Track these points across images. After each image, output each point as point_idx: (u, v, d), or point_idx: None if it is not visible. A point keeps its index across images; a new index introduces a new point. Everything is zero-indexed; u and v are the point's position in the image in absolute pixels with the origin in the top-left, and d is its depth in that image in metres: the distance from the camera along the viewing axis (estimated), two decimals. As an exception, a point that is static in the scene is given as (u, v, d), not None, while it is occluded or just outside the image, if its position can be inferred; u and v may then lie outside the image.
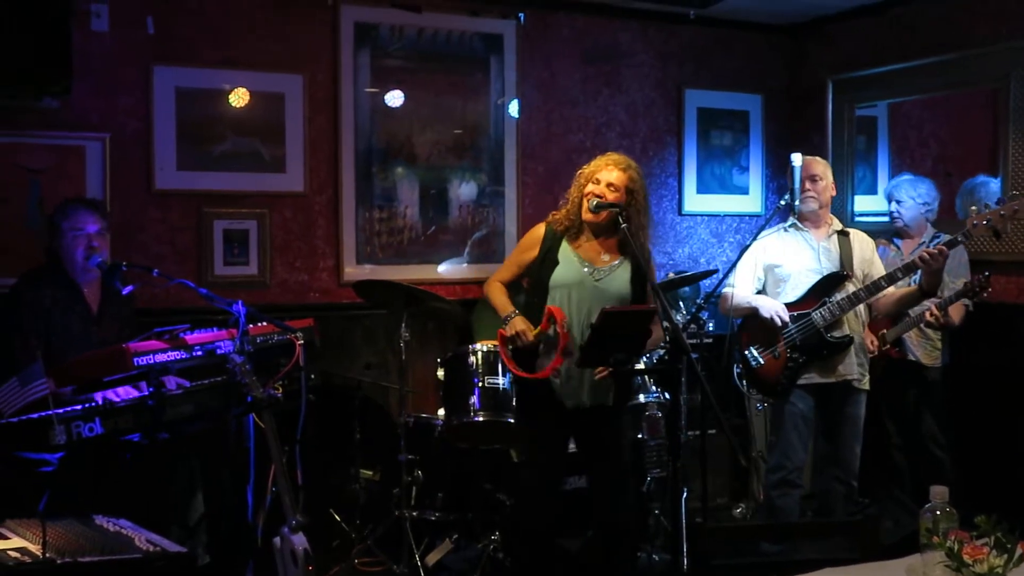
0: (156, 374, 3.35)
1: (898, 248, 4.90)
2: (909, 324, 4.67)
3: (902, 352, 4.79)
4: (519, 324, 3.74)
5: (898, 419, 4.96)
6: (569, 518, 4.38)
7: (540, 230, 3.87)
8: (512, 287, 3.96)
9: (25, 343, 3.69)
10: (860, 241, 4.40)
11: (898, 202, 4.90)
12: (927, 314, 4.48)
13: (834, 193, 4.45)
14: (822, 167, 4.40)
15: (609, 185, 3.72)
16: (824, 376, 4.28)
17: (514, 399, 4.12)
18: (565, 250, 3.78)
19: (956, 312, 4.59)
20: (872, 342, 4.72)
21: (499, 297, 3.89)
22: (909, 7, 5.60)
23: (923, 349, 4.80)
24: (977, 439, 5.02)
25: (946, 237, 4.24)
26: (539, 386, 3.77)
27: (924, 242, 4.74)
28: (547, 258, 3.79)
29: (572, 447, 4.04)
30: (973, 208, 4.05)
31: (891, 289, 4.25)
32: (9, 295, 3.87)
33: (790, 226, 4.41)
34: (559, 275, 3.75)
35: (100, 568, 2.25)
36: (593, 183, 3.74)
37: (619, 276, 3.73)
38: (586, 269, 3.73)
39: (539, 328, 3.71)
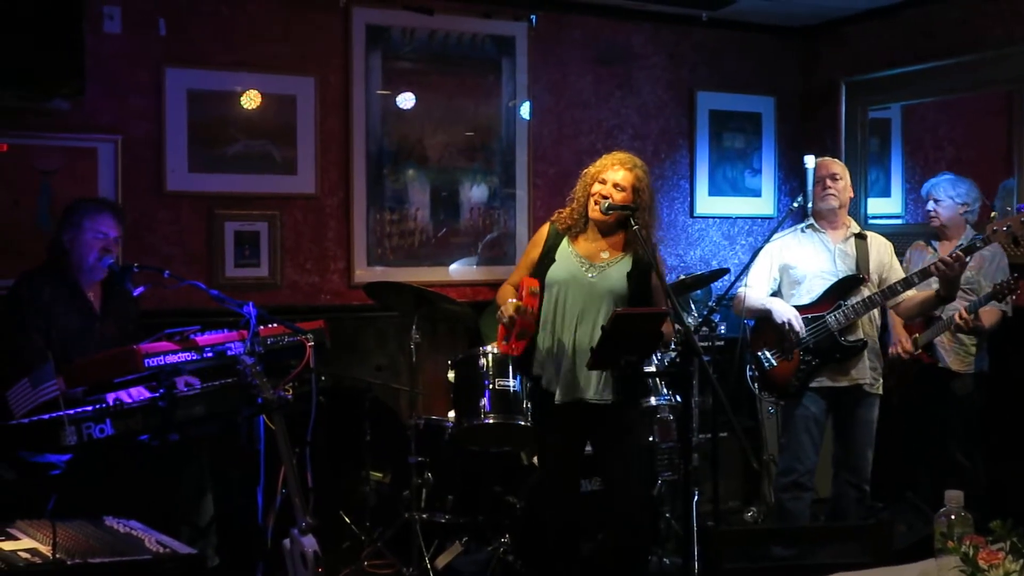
0: (168, 376, 3.35)
1: (935, 251, 4.74)
2: (941, 327, 4.57)
3: (933, 358, 4.70)
4: (507, 304, 3.67)
5: (924, 425, 4.88)
6: (584, 521, 4.36)
7: (544, 229, 3.88)
8: None
9: (30, 342, 3.69)
10: (878, 244, 4.36)
11: (936, 201, 4.74)
12: (956, 316, 4.41)
13: (851, 195, 4.42)
14: (840, 167, 4.39)
15: (615, 185, 3.70)
16: (836, 380, 4.25)
17: (525, 402, 4.12)
18: (564, 248, 3.77)
19: (988, 316, 4.49)
20: (907, 339, 4.66)
21: (503, 296, 3.84)
22: (923, 9, 5.57)
23: (955, 355, 4.67)
24: (1009, 447, 4.96)
25: (982, 236, 4.17)
26: (536, 386, 3.78)
27: (962, 243, 4.59)
28: (547, 256, 3.79)
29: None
30: (993, 214, 4.02)
31: (911, 292, 4.21)
32: (8, 296, 3.87)
33: (807, 227, 4.38)
34: (553, 272, 3.74)
35: (110, 569, 2.25)
36: (599, 183, 3.73)
37: (615, 272, 3.69)
38: (581, 266, 3.71)
39: (517, 302, 3.64)
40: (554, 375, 3.70)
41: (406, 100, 5.36)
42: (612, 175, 3.71)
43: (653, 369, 4.51)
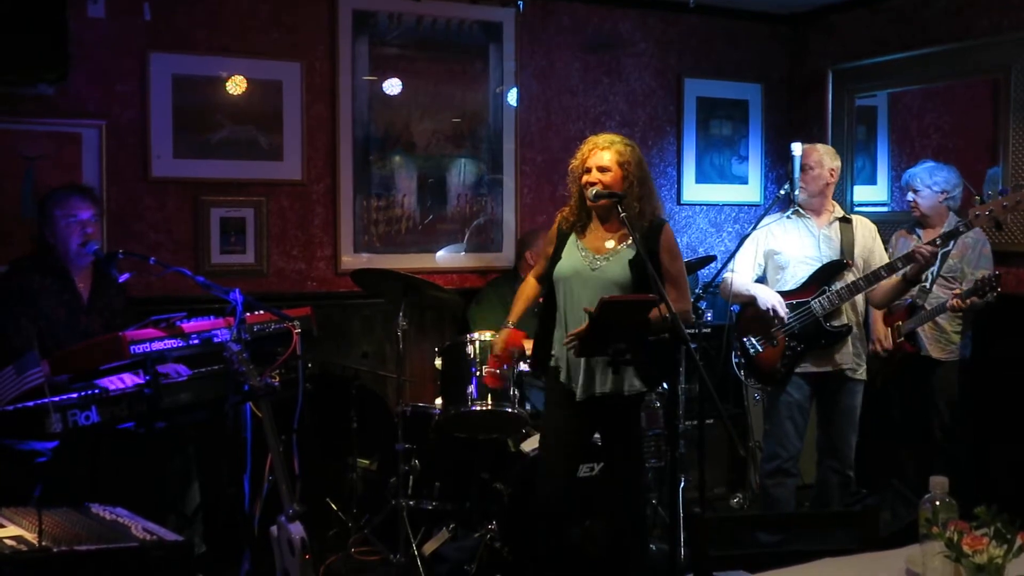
0: (153, 363, 3.34)
1: (919, 239, 4.72)
2: (923, 317, 4.59)
3: (916, 346, 4.71)
4: (504, 336, 3.92)
5: (907, 412, 4.91)
6: (573, 507, 4.37)
7: (555, 227, 3.88)
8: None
9: (20, 330, 3.67)
10: (863, 227, 4.36)
11: (915, 191, 4.73)
12: (949, 303, 4.41)
13: (831, 180, 4.33)
14: (815, 156, 4.31)
15: (600, 168, 3.67)
16: (820, 365, 4.27)
17: (512, 388, 4.12)
18: (571, 243, 3.77)
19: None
20: (886, 336, 4.68)
21: (516, 303, 3.98)
22: (910, -4, 5.59)
23: (936, 344, 4.69)
24: (991, 431, 4.99)
25: (964, 221, 4.16)
26: (551, 378, 3.79)
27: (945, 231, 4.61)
28: (555, 255, 3.80)
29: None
30: (976, 198, 4.03)
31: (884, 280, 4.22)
32: None
33: (792, 213, 4.39)
34: (559, 269, 3.75)
35: (97, 557, 2.25)
36: (586, 173, 3.72)
37: (618, 262, 3.68)
38: (585, 259, 3.71)
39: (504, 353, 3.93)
40: (570, 370, 3.71)
41: (393, 86, 5.34)
42: (595, 160, 3.70)
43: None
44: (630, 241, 3.67)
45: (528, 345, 3.94)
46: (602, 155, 3.69)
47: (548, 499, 3.80)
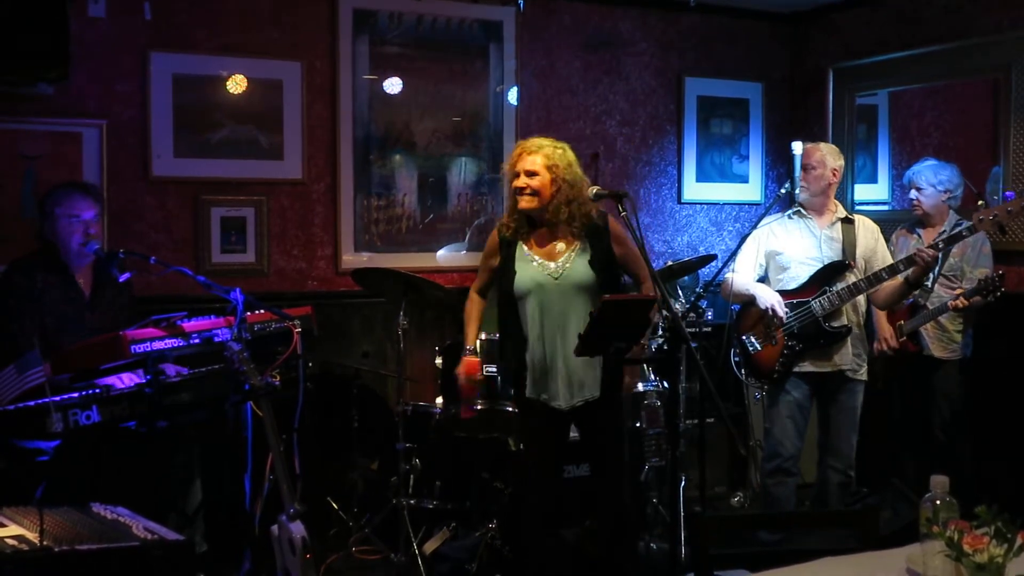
0: (154, 362, 3.34)
1: (919, 238, 4.71)
2: (926, 317, 4.59)
3: (918, 345, 4.70)
4: (463, 368, 3.87)
5: (908, 412, 4.91)
6: (568, 508, 4.37)
7: (495, 236, 3.84)
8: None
9: (22, 328, 3.68)
10: (865, 228, 4.35)
11: (918, 189, 4.69)
12: (950, 304, 4.42)
13: (833, 180, 4.33)
14: (817, 156, 4.31)
15: (527, 172, 3.65)
16: (819, 366, 4.27)
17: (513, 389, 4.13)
18: (521, 253, 3.73)
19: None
20: (892, 336, 4.68)
21: (468, 324, 3.94)
22: (911, -5, 5.59)
23: (939, 343, 4.68)
24: (992, 430, 5.00)
25: (967, 224, 4.18)
26: (519, 392, 3.80)
27: (945, 231, 4.55)
28: (506, 267, 3.75)
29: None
30: (980, 202, 4.03)
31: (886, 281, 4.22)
32: (0, 282, 3.86)
33: (794, 213, 4.38)
34: (519, 284, 3.70)
35: (98, 556, 2.24)
36: (516, 178, 3.68)
37: (577, 266, 3.67)
38: (543, 270, 3.68)
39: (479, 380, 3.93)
40: (549, 384, 3.69)
41: (393, 85, 5.34)
42: (523, 165, 3.66)
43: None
44: (577, 243, 3.68)
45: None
46: (531, 159, 3.66)
47: (536, 501, 3.81)
